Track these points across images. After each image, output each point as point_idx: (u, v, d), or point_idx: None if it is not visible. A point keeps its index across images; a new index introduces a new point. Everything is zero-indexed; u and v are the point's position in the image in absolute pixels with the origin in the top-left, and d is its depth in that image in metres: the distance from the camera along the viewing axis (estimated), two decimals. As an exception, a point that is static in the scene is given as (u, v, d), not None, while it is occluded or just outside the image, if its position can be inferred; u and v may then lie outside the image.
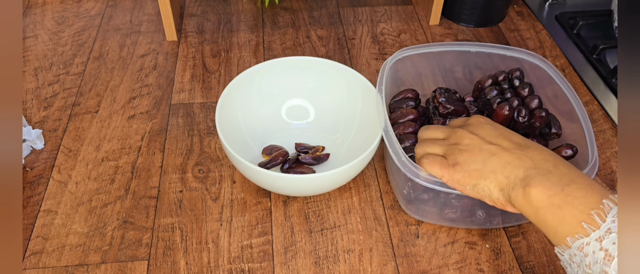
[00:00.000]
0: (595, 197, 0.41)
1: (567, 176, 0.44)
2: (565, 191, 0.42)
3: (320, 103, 0.74)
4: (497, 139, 0.49)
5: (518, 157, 0.47)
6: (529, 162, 0.46)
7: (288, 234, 0.62)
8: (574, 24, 0.92)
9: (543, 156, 0.46)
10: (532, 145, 0.48)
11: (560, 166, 0.45)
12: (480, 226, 0.62)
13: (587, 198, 0.41)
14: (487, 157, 0.48)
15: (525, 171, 0.46)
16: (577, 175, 0.44)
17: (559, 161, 0.46)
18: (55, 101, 0.78)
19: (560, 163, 0.45)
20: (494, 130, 0.51)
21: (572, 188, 0.42)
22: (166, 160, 0.70)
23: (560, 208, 0.42)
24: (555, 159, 0.46)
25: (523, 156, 0.47)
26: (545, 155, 0.46)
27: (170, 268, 0.58)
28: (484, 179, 0.48)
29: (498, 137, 0.50)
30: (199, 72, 0.83)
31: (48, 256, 0.59)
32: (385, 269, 0.59)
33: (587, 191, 0.42)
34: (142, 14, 0.95)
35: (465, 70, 0.73)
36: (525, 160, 0.46)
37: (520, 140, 0.49)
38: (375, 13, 0.97)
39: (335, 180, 0.61)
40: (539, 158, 0.46)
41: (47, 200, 0.65)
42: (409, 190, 0.60)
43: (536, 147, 0.48)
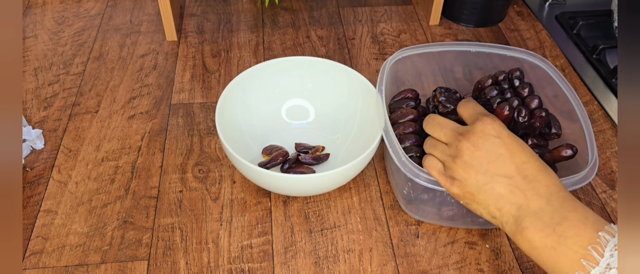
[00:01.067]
0: (588, 233, 0.40)
1: (560, 212, 0.42)
2: (557, 232, 0.41)
3: (320, 103, 0.74)
4: (496, 161, 0.46)
5: (511, 191, 0.45)
6: (521, 198, 0.45)
7: (288, 235, 0.62)
8: (574, 24, 0.92)
9: (536, 190, 0.44)
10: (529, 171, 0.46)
11: (553, 200, 0.44)
12: (480, 226, 0.62)
13: (580, 236, 0.40)
14: (482, 183, 0.47)
15: (518, 209, 0.45)
16: (570, 209, 0.42)
17: (552, 195, 0.44)
18: (55, 101, 0.78)
19: (554, 196, 0.44)
20: (495, 149, 0.47)
21: (564, 226, 0.41)
22: (166, 160, 0.70)
23: (554, 249, 0.41)
24: (548, 192, 0.44)
25: (516, 190, 0.45)
26: (539, 188, 0.44)
27: (170, 268, 0.58)
28: (477, 204, 0.48)
29: (498, 159, 0.46)
30: (199, 72, 0.83)
31: (48, 256, 0.59)
32: (385, 269, 0.59)
33: (579, 228, 0.41)
34: (142, 14, 0.95)
35: (465, 70, 0.73)
36: (518, 195, 0.45)
37: (520, 161, 0.46)
38: (375, 13, 0.97)
39: (335, 180, 0.61)
40: (532, 192, 0.44)
41: (47, 200, 0.65)
42: (409, 190, 0.60)
43: (533, 176, 0.45)
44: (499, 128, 0.48)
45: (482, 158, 0.47)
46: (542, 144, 0.63)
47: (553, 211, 0.43)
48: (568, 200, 0.44)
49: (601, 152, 0.72)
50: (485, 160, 0.47)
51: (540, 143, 0.63)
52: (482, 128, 0.48)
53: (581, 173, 0.54)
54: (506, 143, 0.47)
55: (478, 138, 0.48)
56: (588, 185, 0.67)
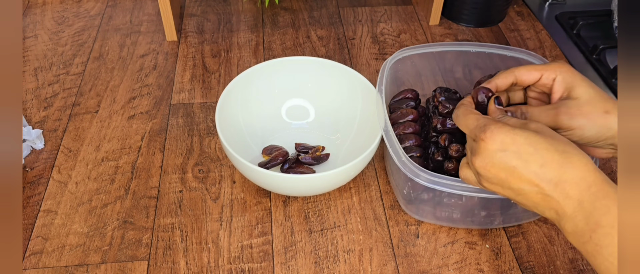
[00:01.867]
0: None
1: (593, 217, 0.40)
2: (593, 240, 0.40)
3: (320, 103, 0.74)
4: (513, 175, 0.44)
5: (543, 198, 0.43)
6: (554, 203, 0.42)
7: (288, 234, 0.62)
8: (574, 24, 0.92)
9: (565, 192, 0.42)
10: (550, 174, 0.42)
11: (585, 201, 0.41)
12: (480, 226, 0.62)
13: (614, 245, 0.39)
14: (513, 196, 0.45)
15: (555, 213, 0.43)
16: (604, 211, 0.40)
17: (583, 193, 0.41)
18: (55, 101, 0.78)
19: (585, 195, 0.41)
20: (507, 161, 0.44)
21: (598, 234, 0.40)
22: (166, 160, 0.70)
23: (594, 257, 0.40)
24: (578, 191, 0.41)
25: (547, 197, 0.43)
26: (567, 189, 0.42)
27: (170, 268, 0.58)
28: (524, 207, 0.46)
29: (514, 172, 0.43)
30: (199, 72, 0.83)
31: (48, 256, 0.59)
32: (385, 269, 0.59)
33: (613, 236, 0.39)
34: (142, 14, 0.95)
35: (465, 70, 0.73)
36: (551, 201, 0.43)
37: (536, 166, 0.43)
38: (375, 13, 0.97)
39: (335, 180, 0.61)
40: (562, 196, 0.42)
41: (47, 200, 0.65)
42: (409, 190, 0.60)
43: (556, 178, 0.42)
44: (501, 138, 0.44)
45: (499, 175, 0.44)
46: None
47: (587, 216, 0.41)
48: (600, 196, 0.40)
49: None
50: (502, 176, 0.44)
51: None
52: (485, 147, 0.45)
53: (581, 173, 0.54)
54: (515, 152, 0.43)
55: (484, 158, 0.45)
56: (588, 185, 0.67)
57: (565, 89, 0.50)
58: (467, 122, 0.48)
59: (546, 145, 0.43)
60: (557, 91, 0.51)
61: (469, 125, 0.48)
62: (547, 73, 0.51)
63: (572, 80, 0.50)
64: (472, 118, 0.48)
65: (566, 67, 0.51)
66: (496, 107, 0.50)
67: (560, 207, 0.42)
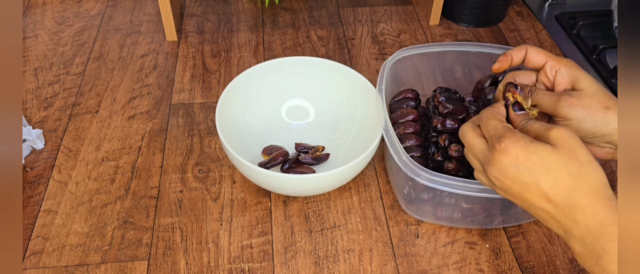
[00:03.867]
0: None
1: (599, 242, 0.40)
2: (600, 265, 0.40)
3: (320, 103, 0.74)
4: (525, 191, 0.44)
5: (551, 217, 0.43)
6: (562, 223, 0.43)
7: (288, 234, 0.62)
8: (574, 24, 0.92)
9: (572, 218, 0.42)
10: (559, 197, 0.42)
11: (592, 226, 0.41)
12: (480, 226, 0.62)
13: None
14: (526, 207, 0.45)
15: (564, 232, 0.43)
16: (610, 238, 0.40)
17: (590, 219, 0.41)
18: (55, 101, 0.78)
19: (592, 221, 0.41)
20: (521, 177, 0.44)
21: (605, 260, 0.40)
22: (166, 160, 0.70)
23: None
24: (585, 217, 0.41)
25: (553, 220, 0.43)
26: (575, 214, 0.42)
27: (170, 268, 0.58)
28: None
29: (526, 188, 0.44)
30: (199, 72, 0.84)
31: (48, 256, 0.59)
32: (385, 269, 0.59)
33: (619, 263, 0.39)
34: (142, 14, 0.95)
35: (465, 70, 0.73)
36: (559, 221, 0.43)
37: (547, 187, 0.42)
38: (375, 13, 0.97)
39: (335, 180, 0.61)
40: (569, 220, 0.42)
41: (47, 200, 0.65)
42: (409, 190, 0.60)
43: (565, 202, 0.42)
44: (515, 155, 0.43)
45: (513, 188, 0.45)
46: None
47: (594, 241, 0.41)
48: (606, 223, 0.40)
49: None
50: (516, 189, 0.44)
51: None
52: (499, 159, 0.44)
53: (581, 173, 0.54)
54: (528, 169, 0.43)
55: (498, 170, 0.45)
56: (588, 185, 0.67)
57: (569, 81, 0.50)
58: (487, 127, 0.47)
59: (559, 165, 0.42)
60: (561, 83, 0.51)
61: (489, 130, 0.47)
62: (552, 62, 0.51)
63: (578, 73, 0.50)
64: (492, 124, 0.47)
65: (572, 62, 0.51)
66: (516, 113, 0.49)
67: (568, 228, 0.42)
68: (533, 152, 0.43)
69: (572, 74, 0.50)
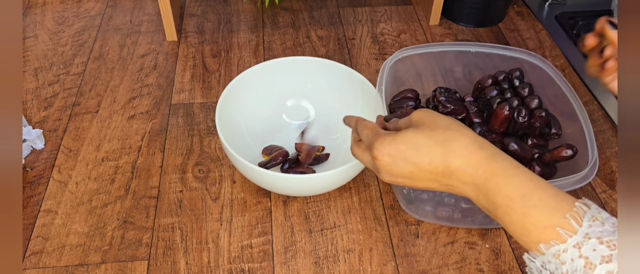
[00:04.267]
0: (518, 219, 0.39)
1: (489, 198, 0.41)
2: (498, 217, 0.41)
3: (320, 103, 0.74)
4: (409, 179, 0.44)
5: (447, 188, 0.44)
6: (458, 190, 0.43)
7: (288, 234, 0.62)
8: (574, 24, 0.92)
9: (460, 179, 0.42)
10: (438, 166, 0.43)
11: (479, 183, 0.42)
12: (480, 226, 0.62)
13: (514, 224, 0.40)
14: (422, 189, 0.45)
15: (465, 195, 0.43)
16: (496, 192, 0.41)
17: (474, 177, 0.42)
18: (55, 101, 0.78)
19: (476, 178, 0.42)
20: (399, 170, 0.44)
21: (499, 213, 0.40)
22: (166, 160, 0.70)
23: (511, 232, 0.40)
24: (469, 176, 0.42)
25: (449, 187, 0.44)
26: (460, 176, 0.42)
27: (170, 267, 0.58)
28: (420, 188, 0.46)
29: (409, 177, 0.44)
30: (199, 72, 0.84)
31: (48, 256, 0.59)
32: (385, 269, 0.59)
33: (510, 215, 0.40)
34: (142, 14, 0.95)
35: (465, 70, 0.73)
36: (455, 189, 0.43)
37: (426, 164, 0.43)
38: (375, 13, 0.97)
39: (335, 180, 0.61)
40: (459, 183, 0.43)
41: (47, 200, 0.65)
42: (408, 190, 0.60)
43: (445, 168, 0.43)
44: (387, 153, 0.44)
45: (406, 181, 0.45)
46: (542, 144, 0.63)
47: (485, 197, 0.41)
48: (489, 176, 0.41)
49: (601, 152, 0.72)
50: (409, 182, 0.45)
51: (540, 143, 0.63)
52: (380, 165, 0.45)
53: (581, 173, 0.54)
54: (403, 159, 0.44)
55: (386, 175, 0.45)
56: (588, 185, 0.67)
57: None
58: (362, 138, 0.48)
59: (426, 141, 0.43)
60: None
61: (364, 141, 0.48)
62: None
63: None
64: (364, 134, 0.48)
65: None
66: (387, 123, 0.50)
67: (464, 193, 0.43)
68: (399, 142, 0.44)
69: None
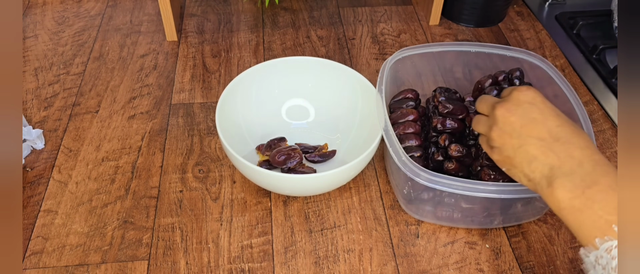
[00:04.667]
0: (615, 198, 0.41)
1: (591, 176, 0.43)
2: (586, 194, 0.42)
3: (320, 103, 0.74)
4: (529, 126, 0.48)
5: (544, 152, 0.46)
6: (554, 159, 0.45)
7: (288, 234, 0.62)
8: (574, 24, 0.92)
9: (569, 153, 0.45)
10: (562, 134, 0.46)
11: (586, 163, 0.44)
12: (480, 226, 0.62)
13: (607, 201, 0.41)
14: (516, 146, 0.48)
15: (550, 169, 0.45)
16: (602, 173, 0.43)
17: (586, 158, 0.44)
18: (55, 101, 0.78)
19: (586, 160, 0.44)
20: (528, 114, 0.48)
21: (593, 190, 0.42)
22: (166, 160, 0.70)
23: (581, 212, 0.42)
24: (582, 154, 0.45)
25: (549, 151, 0.46)
26: (572, 150, 0.45)
27: (170, 267, 0.58)
28: (515, 167, 0.49)
29: (531, 123, 0.48)
30: (199, 72, 0.84)
31: (48, 256, 0.59)
32: (385, 269, 0.59)
33: (608, 193, 0.41)
34: (142, 14, 0.95)
35: (465, 70, 0.73)
36: (551, 156, 0.46)
37: (553, 125, 0.47)
38: (375, 13, 0.97)
39: (335, 180, 0.61)
40: (565, 154, 0.45)
41: (47, 200, 0.65)
42: (409, 190, 0.60)
43: (566, 139, 0.46)
44: (533, 95, 0.49)
45: (516, 123, 0.48)
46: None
47: (584, 174, 0.43)
48: (601, 164, 0.44)
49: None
50: (518, 125, 0.48)
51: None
52: (517, 96, 0.49)
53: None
54: (540, 109, 0.48)
55: (512, 105, 0.49)
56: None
57: None
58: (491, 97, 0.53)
59: (566, 118, 0.48)
60: None
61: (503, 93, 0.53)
62: None
63: None
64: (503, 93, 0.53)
65: None
66: None
67: (559, 162, 0.45)
68: (547, 101, 0.49)
69: None
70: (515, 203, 0.59)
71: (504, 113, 0.49)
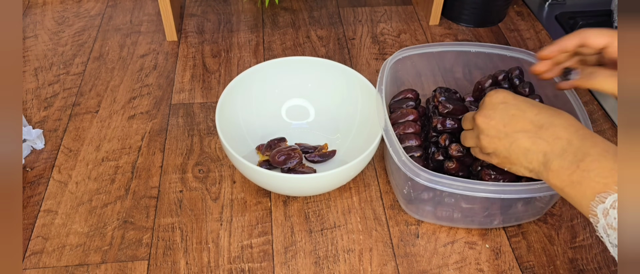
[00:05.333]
0: (608, 163, 0.43)
1: (581, 150, 0.45)
2: (580, 168, 0.44)
3: (320, 103, 0.74)
4: (511, 123, 0.50)
5: (534, 142, 0.48)
6: (544, 145, 0.47)
7: (288, 234, 0.62)
8: (574, 24, 0.92)
9: (556, 134, 0.47)
10: (544, 120, 0.49)
11: (574, 140, 0.46)
12: (480, 226, 0.62)
13: (602, 168, 0.43)
14: (508, 145, 0.50)
15: (544, 155, 0.47)
16: (591, 145, 0.45)
17: (572, 135, 0.46)
18: (55, 101, 0.78)
19: (574, 136, 0.46)
20: (506, 112, 0.51)
21: (586, 162, 0.44)
22: (166, 160, 0.70)
23: (580, 184, 0.44)
24: (568, 133, 0.47)
25: (537, 139, 0.48)
26: (558, 132, 0.47)
27: (170, 267, 0.58)
28: (514, 164, 0.51)
29: (512, 120, 0.50)
30: (199, 72, 0.84)
31: (48, 256, 0.59)
32: (385, 269, 0.59)
33: (600, 161, 0.43)
34: (142, 14, 0.95)
35: (465, 70, 0.73)
36: (541, 144, 0.48)
37: (532, 114, 0.49)
38: (375, 13, 0.97)
39: (335, 180, 0.61)
40: (552, 138, 0.47)
41: (47, 200, 0.65)
42: (409, 190, 0.60)
43: (549, 123, 0.48)
44: (503, 95, 0.52)
45: (498, 125, 0.51)
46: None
47: (575, 150, 0.45)
48: (588, 136, 0.46)
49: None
50: (501, 125, 0.50)
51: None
52: (489, 100, 0.52)
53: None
54: (515, 104, 0.50)
55: (487, 110, 0.52)
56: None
57: None
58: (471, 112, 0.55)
59: (542, 104, 0.51)
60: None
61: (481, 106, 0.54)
62: (616, 42, 0.53)
63: None
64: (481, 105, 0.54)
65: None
66: None
67: (550, 147, 0.47)
68: (518, 96, 0.52)
69: None
70: (515, 203, 0.59)
71: (484, 120, 0.52)
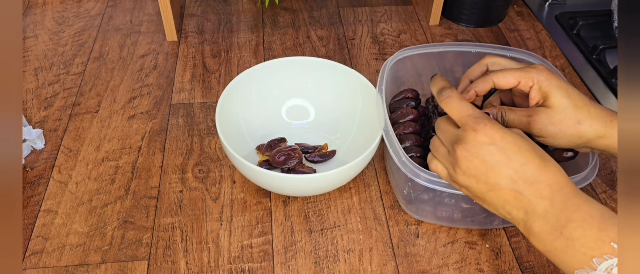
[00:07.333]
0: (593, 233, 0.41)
1: (564, 213, 0.42)
2: (564, 235, 0.42)
3: (320, 103, 0.74)
4: (494, 170, 0.45)
5: (515, 197, 0.45)
6: (525, 202, 0.44)
7: (288, 234, 0.62)
8: (574, 24, 0.92)
9: (539, 192, 0.44)
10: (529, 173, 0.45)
11: (557, 200, 0.43)
12: (480, 226, 0.62)
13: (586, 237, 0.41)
14: (485, 191, 0.47)
15: (525, 213, 0.45)
16: (574, 208, 0.42)
17: (556, 194, 0.43)
18: (55, 101, 0.78)
19: (557, 195, 0.43)
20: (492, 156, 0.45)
21: (569, 229, 0.42)
22: (166, 160, 0.70)
23: (565, 253, 0.42)
24: (551, 192, 0.44)
25: (519, 195, 0.45)
26: (541, 189, 0.44)
27: (170, 268, 0.58)
28: (487, 205, 0.48)
29: (496, 166, 0.45)
30: (199, 72, 0.84)
31: (48, 256, 0.59)
32: (385, 269, 0.59)
33: (584, 229, 0.41)
34: (142, 14, 0.95)
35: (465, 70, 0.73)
36: (522, 200, 0.45)
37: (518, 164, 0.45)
38: (375, 13, 0.97)
39: (335, 180, 0.61)
40: (535, 195, 0.44)
41: (47, 200, 0.65)
42: (409, 190, 0.60)
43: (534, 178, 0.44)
44: (491, 133, 0.46)
45: (479, 168, 0.46)
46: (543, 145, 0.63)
47: (558, 213, 0.43)
48: (571, 196, 0.43)
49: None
50: (482, 169, 0.46)
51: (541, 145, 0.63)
52: (474, 138, 0.46)
53: (582, 173, 0.54)
54: (501, 148, 0.45)
55: (471, 147, 0.46)
56: (588, 185, 0.67)
57: (541, 97, 0.51)
58: (461, 107, 0.49)
59: (529, 147, 0.46)
60: (534, 98, 0.52)
61: (463, 111, 0.48)
62: (524, 80, 0.52)
63: (549, 88, 0.51)
64: (467, 106, 0.48)
65: (544, 73, 0.51)
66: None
67: (531, 206, 0.44)
68: (507, 134, 0.46)
69: (544, 89, 0.51)
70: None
71: (466, 156, 0.46)
